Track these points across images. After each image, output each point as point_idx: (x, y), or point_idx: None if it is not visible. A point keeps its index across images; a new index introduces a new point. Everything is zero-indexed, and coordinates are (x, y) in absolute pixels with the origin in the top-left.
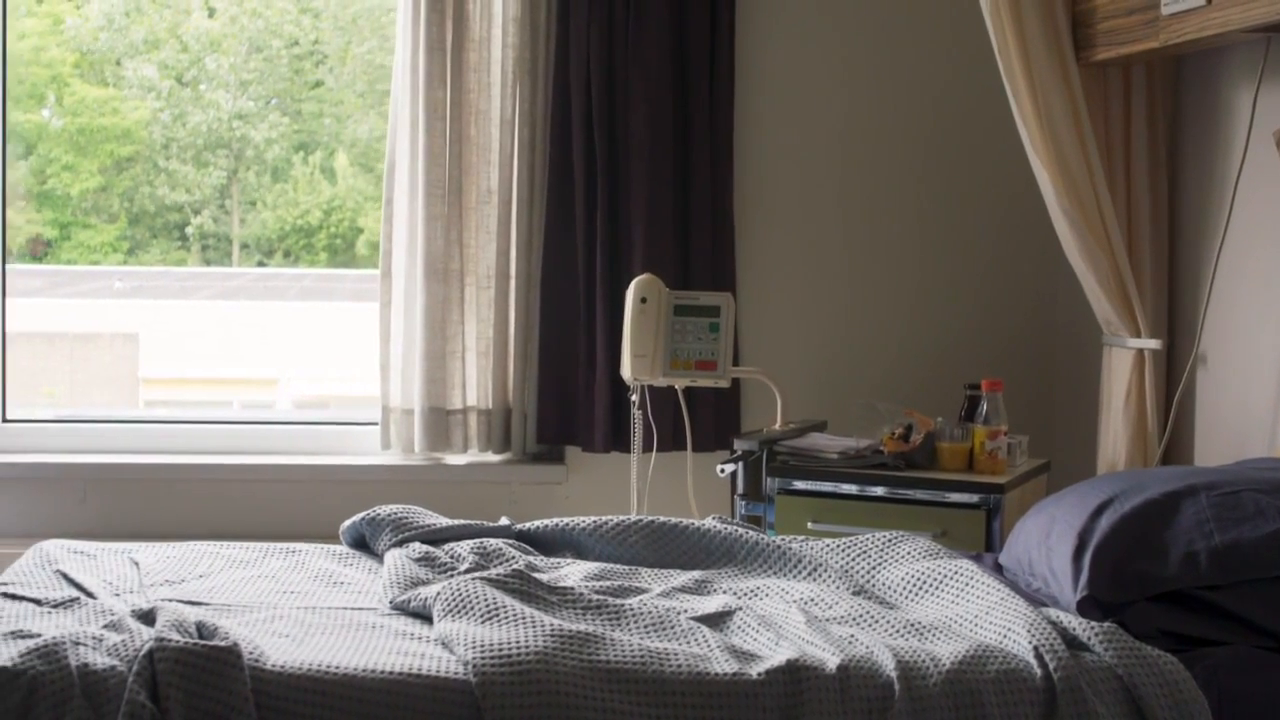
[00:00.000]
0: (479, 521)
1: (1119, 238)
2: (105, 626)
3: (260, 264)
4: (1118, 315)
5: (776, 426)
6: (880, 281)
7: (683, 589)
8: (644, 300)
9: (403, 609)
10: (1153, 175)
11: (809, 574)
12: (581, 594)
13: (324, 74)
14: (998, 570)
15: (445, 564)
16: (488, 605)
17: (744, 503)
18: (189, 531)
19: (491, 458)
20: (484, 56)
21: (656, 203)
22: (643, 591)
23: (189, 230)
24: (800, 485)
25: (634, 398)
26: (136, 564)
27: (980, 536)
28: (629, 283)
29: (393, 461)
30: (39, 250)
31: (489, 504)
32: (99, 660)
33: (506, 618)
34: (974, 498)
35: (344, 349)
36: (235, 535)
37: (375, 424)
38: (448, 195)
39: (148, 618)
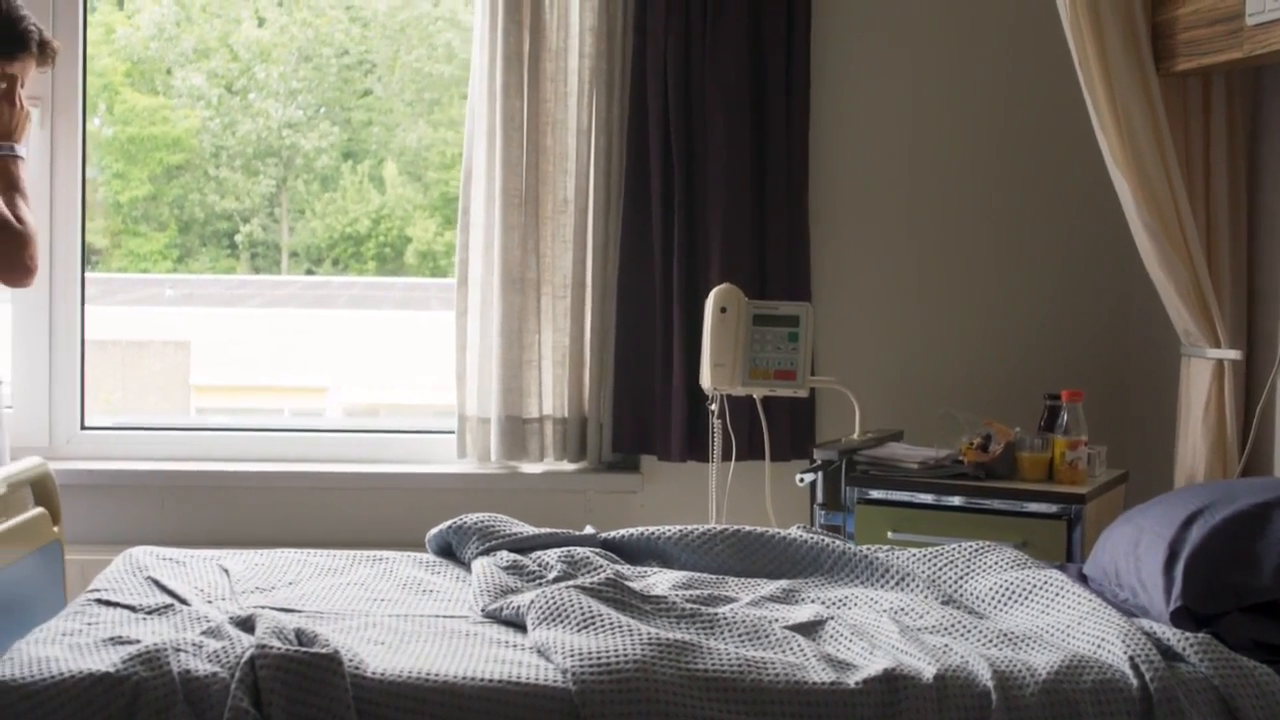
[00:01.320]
0: (564, 530)
1: (1199, 249)
2: (204, 633)
3: (309, 272)
4: (1197, 326)
5: (855, 436)
6: (955, 291)
7: (771, 598)
8: (724, 310)
9: (495, 617)
10: (1232, 186)
11: (896, 583)
12: (675, 603)
13: (373, 83)
14: (1082, 580)
15: (533, 572)
16: (583, 613)
17: (823, 512)
18: (265, 539)
19: (567, 466)
20: (560, 66)
21: (733, 211)
22: (731, 601)
23: (238, 238)
24: (878, 495)
25: (713, 407)
26: (226, 571)
27: (1061, 547)
28: (705, 292)
29: (468, 470)
30: (89, 258)
31: (564, 513)
32: (201, 666)
33: (602, 626)
34: (1054, 508)
35: (393, 356)
36: (312, 542)
37: (450, 432)
38: (524, 204)
39: (246, 624)
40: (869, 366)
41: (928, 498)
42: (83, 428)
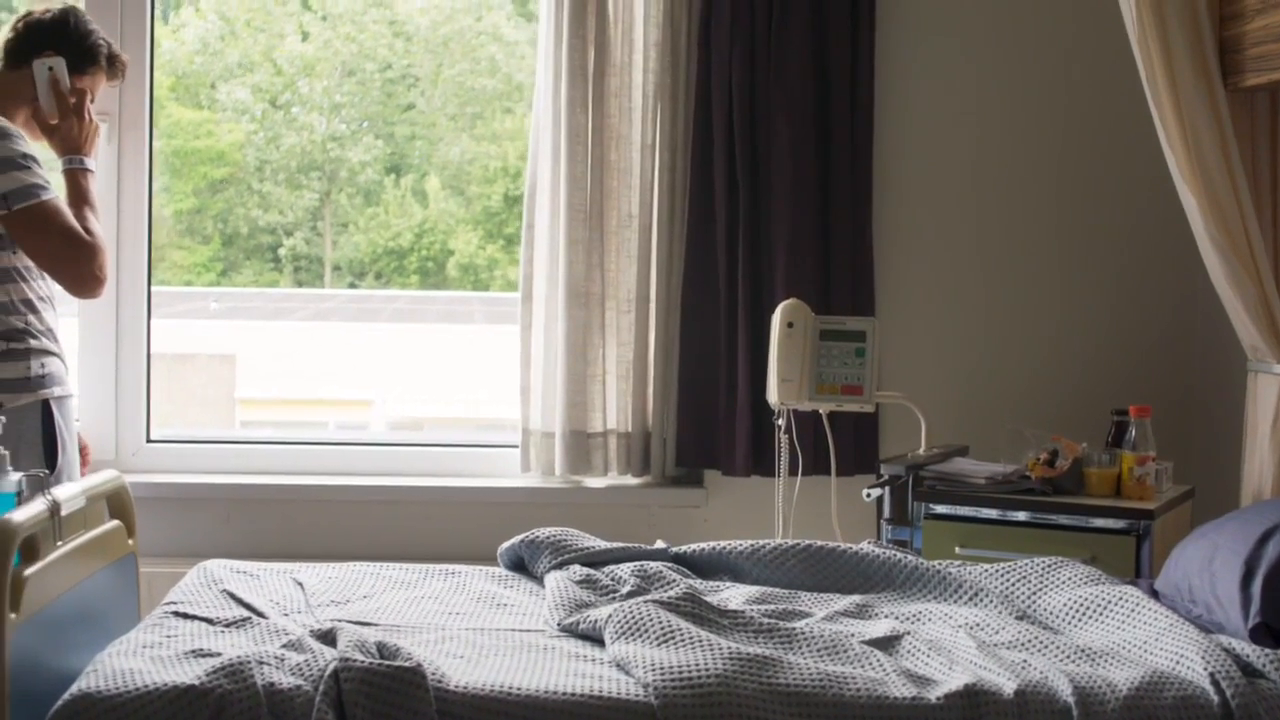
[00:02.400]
0: (636, 544)
1: (1266, 264)
2: (285, 646)
3: (351, 286)
4: (1264, 342)
5: (920, 451)
6: (1019, 306)
7: (845, 613)
8: (791, 325)
9: (571, 631)
10: None
11: (970, 599)
12: (751, 617)
13: (415, 97)
14: (1154, 596)
15: (606, 587)
16: (662, 628)
17: (890, 527)
18: (330, 552)
19: (630, 481)
20: (625, 82)
21: (798, 226)
22: (806, 615)
23: (281, 252)
24: (943, 510)
25: (780, 422)
26: (300, 584)
27: (1130, 562)
28: (770, 307)
29: (532, 484)
30: None
31: (627, 527)
32: (284, 679)
33: (682, 640)
34: (1122, 524)
35: (437, 370)
36: (377, 556)
37: (513, 447)
38: (589, 219)
39: (327, 638)
40: (933, 381)
41: (995, 513)
42: (148, 441)
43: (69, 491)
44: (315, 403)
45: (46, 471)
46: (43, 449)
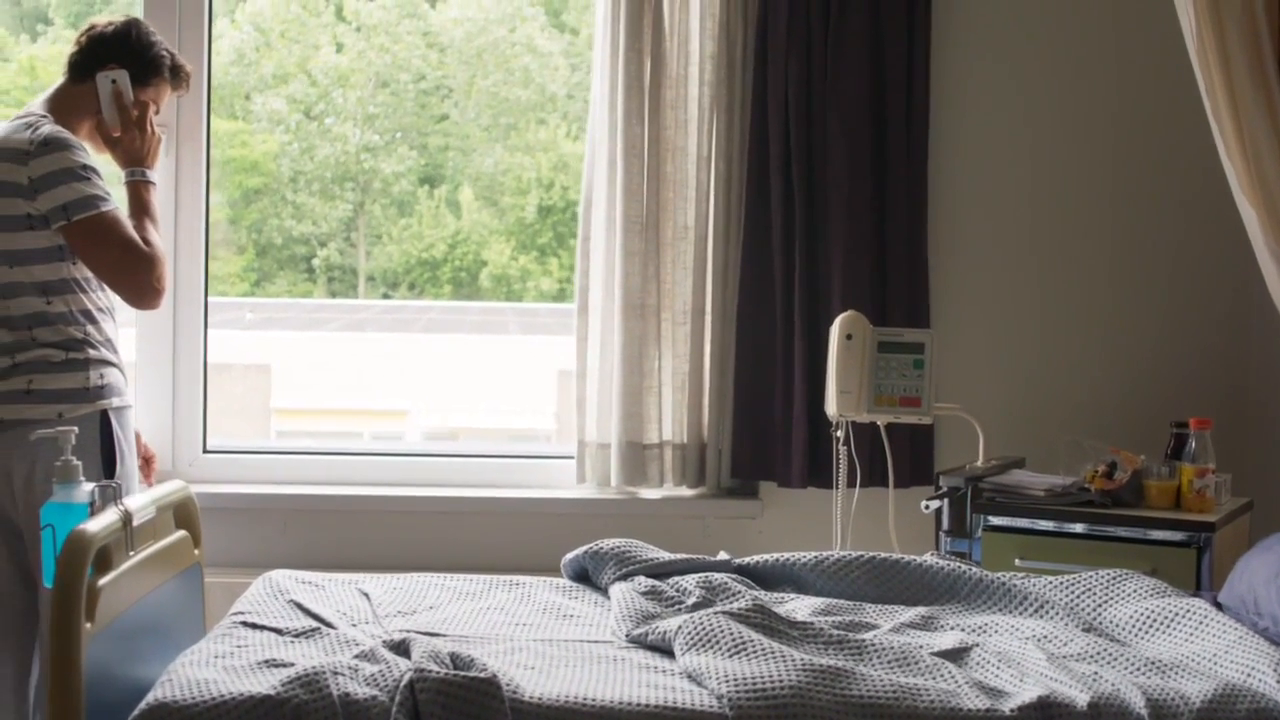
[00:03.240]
0: (700, 555)
1: None
2: (358, 656)
3: (385, 296)
4: None
5: (978, 463)
6: (1073, 317)
7: (911, 624)
8: (849, 337)
9: (640, 642)
10: None
11: (1035, 611)
12: (821, 628)
13: (449, 108)
14: (1217, 608)
15: (672, 598)
16: (733, 639)
17: (949, 539)
18: (387, 562)
19: (685, 492)
20: (681, 94)
21: (853, 238)
22: (872, 627)
23: (315, 262)
24: (999, 521)
25: (839, 434)
26: (366, 595)
27: (1190, 575)
28: (826, 318)
29: (587, 495)
30: None
31: (682, 538)
32: (359, 690)
33: (755, 652)
34: (1183, 536)
35: (471, 380)
36: (433, 566)
37: (568, 458)
38: (645, 231)
39: (400, 648)
40: (988, 393)
41: (1055, 525)
42: (205, 451)
43: (140, 502)
44: (350, 413)
45: (118, 483)
46: (101, 459)
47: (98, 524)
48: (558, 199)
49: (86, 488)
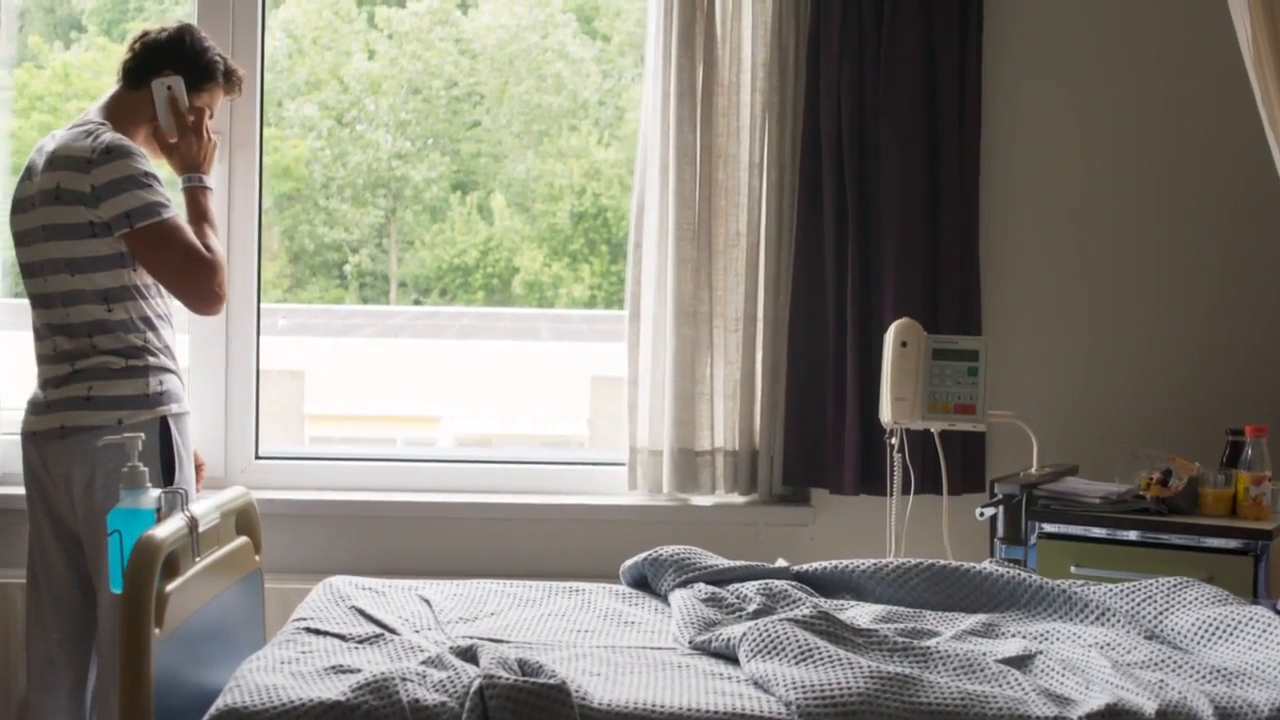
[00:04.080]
0: (758, 563)
1: None
2: (425, 663)
3: (416, 302)
4: None
5: (1032, 470)
6: (1125, 325)
7: (972, 632)
8: (904, 344)
9: (703, 649)
10: None
11: (1096, 618)
12: (886, 636)
13: (481, 114)
14: (1279, 616)
15: (732, 605)
16: (799, 646)
17: (1003, 546)
18: (439, 568)
19: (737, 499)
20: (733, 101)
21: (906, 245)
22: (934, 634)
23: (347, 268)
24: (1053, 529)
25: (893, 441)
26: (427, 601)
27: (1247, 583)
28: (878, 325)
29: (639, 501)
30: None
31: (734, 545)
32: (429, 696)
33: (821, 659)
34: (1238, 543)
35: (504, 386)
36: (486, 572)
37: (619, 465)
38: (697, 238)
39: (467, 655)
40: (1040, 400)
41: (1111, 533)
42: (257, 457)
43: (204, 507)
44: (383, 419)
45: (184, 489)
46: (161, 466)
47: (165, 530)
48: (589, 205)
49: (153, 493)
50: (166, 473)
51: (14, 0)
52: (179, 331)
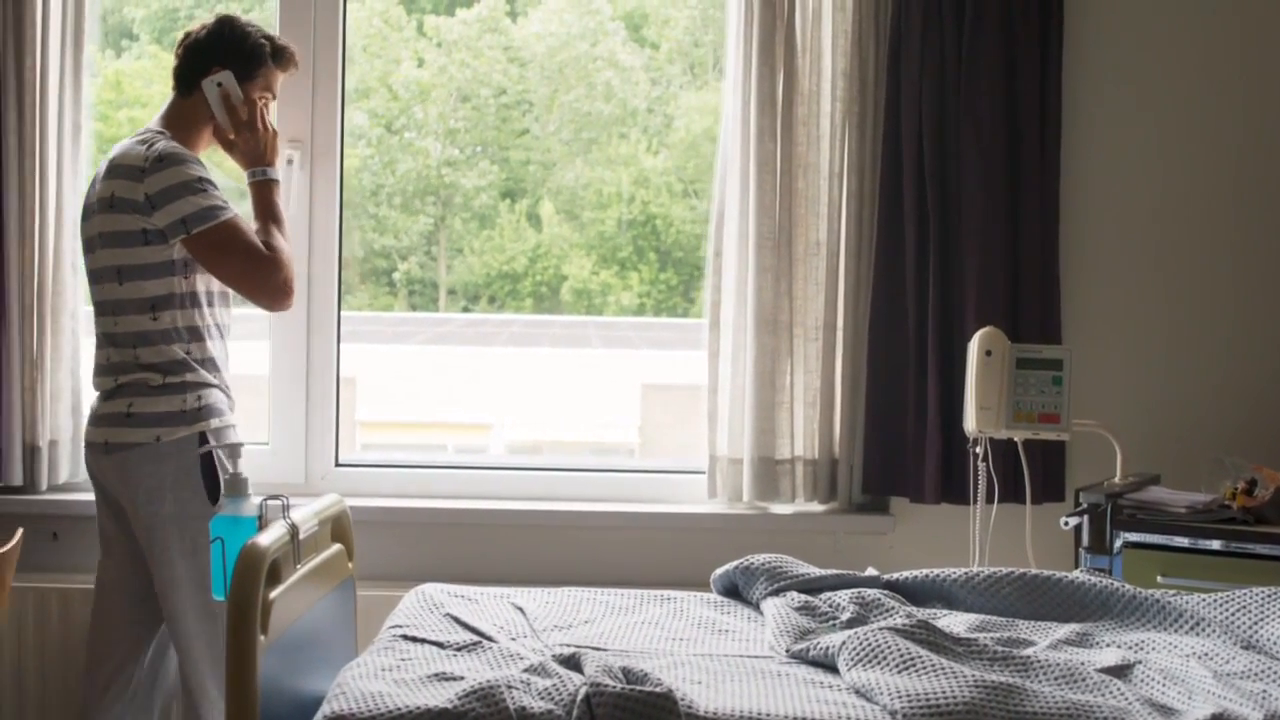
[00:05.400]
0: (849, 571)
1: None
2: (528, 670)
3: (465, 309)
4: None
5: (1115, 480)
6: (1205, 334)
7: (1067, 641)
8: (989, 353)
9: (801, 657)
10: None
11: (1191, 628)
12: (985, 645)
13: (530, 122)
14: None
15: (825, 613)
16: (901, 655)
17: (1089, 556)
18: (519, 575)
19: (816, 507)
20: (813, 110)
21: (987, 253)
22: (1029, 644)
23: (396, 276)
24: (1138, 538)
25: (978, 450)
26: (521, 609)
27: None
28: (959, 333)
29: (719, 510)
30: None
31: (814, 553)
32: (535, 704)
33: (924, 668)
34: None
35: (554, 393)
36: (566, 580)
37: (698, 473)
38: (777, 247)
39: (570, 662)
40: (1120, 409)
41: (1197, 542)
42: (337, 465)
43: (304, 515)
44: (434, 426)
45: (286, 497)
46: (203, 480)
47: (269, 537)
48: (638, 213)
49: (254, 500)
50: (210, 487)
51: (96, 11)
52: (259, 339)
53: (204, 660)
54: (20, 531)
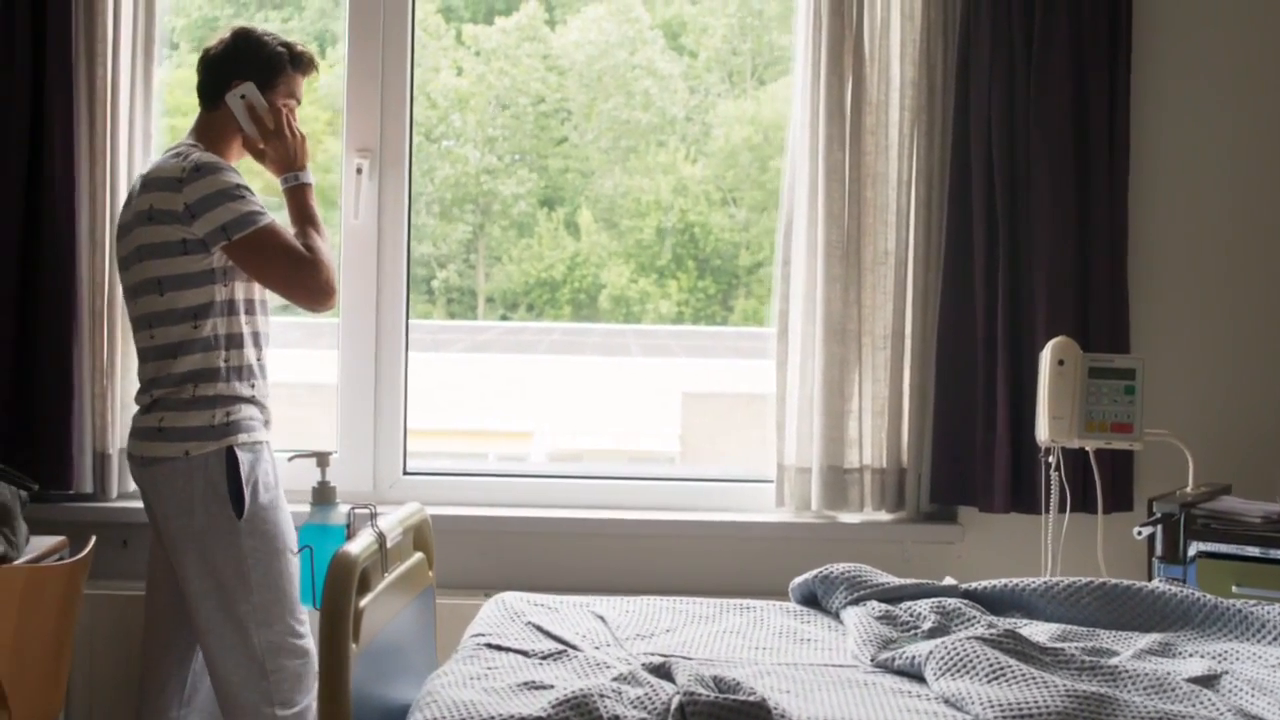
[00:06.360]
0: (927, 580)
1: None
2: (618, 679)
3: (503, 318)
4: None
5: (1188, 489)
6: (1272, 343)
7: (1150, 651)
8: (1061, 363)
9: (886, 667)
10: None
11: (1275, 638)
12: (1073, 654)
13: (568, 130)
14: None
15: (906, 622)
16: (990, 664)
17: (1162, 565)
18: (590, 584)
19: (884, 516)
20: (881, 120)
21: (1057, 263)
22: (1113, 654)
23: (434, 283)
24: (1209, 548)
25: (1050, 459)
26: (602, 618)
27: None
28: (1029, 342)
29: (786, 519)
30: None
31: (882, 562)
32: (628, 713)
33: (1014, 677)
34: None
35: (594, 402)
36: (636, 588)
37: (765, 481)
38: (846, 256)
39: (660, 671)
40: (1190, 418)
41: (1266, 551)
42: (405, 473)
43: (389, 523)
44: (474, 434)
45: (374, 505)
46: (229, 495)
47: (358, 545)
48: (677, 221)
49: (342, 509)
50: (236, 502)
51: (165, 20)
52: (328, 349)
53: (236, 672)
54: (94, 540)
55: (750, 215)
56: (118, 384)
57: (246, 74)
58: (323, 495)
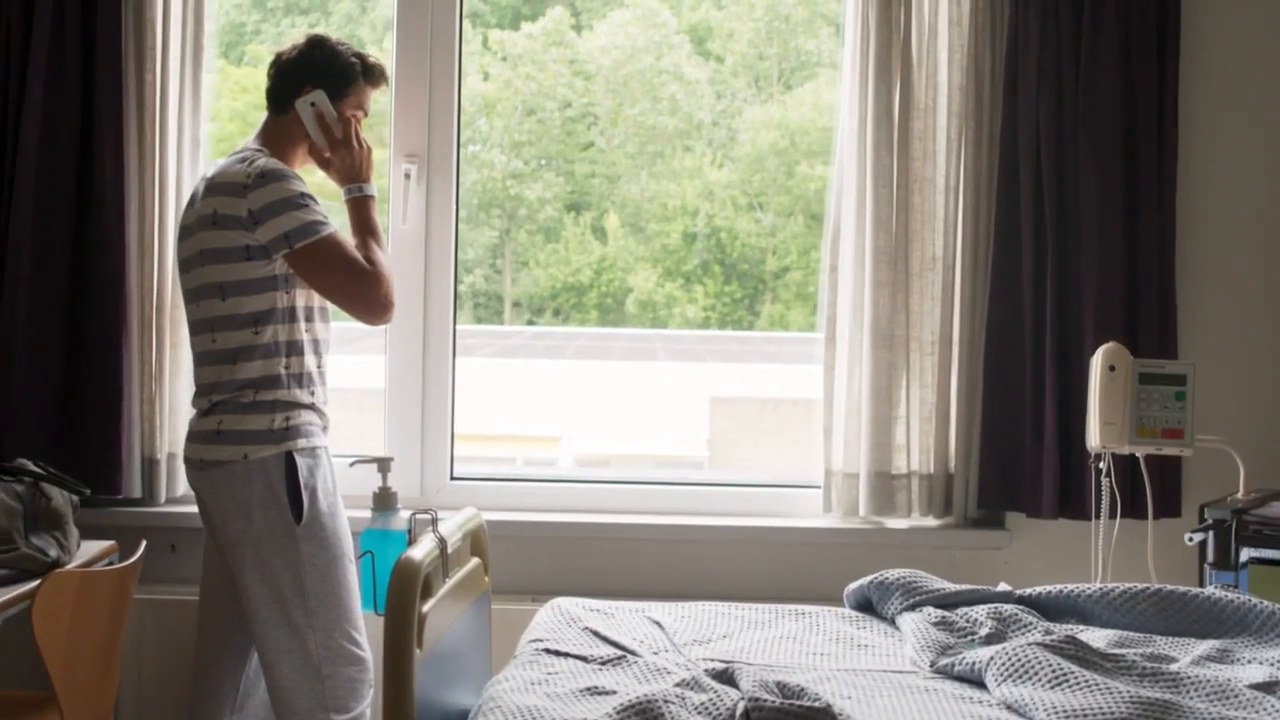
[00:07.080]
0: (983, 587)
1: None
2: (681, 685)
3: (530, 322)
4: None
5: (1239, 495)
6: None
7: (1208, 657)
8: (1112, 368)
9: (945, 672)
10: None
11: None
12: (1134, 661)
13: (595, 135)
14: None
15: (963, 628)
16: (1052, 670)
17: (1213, 571)
18: (637, 589)
19: (931, 522)
20: (929, 125)
21: (1106, 269)
22: (1171, 660)
23: (461, 288)
24: (1260, 554)
25: (1102, 465)
26: (658, 623)
27: None
28: (1078, 348)
29: (834, 524)
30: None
31: (929, 568)
32: (693, 719)
33: (1077, 683)
34: None
35: (621, 406)
36: (686, 594)
37: (813, 487)
38: (893, 261)
39: (723, 677)
40: (1239, 424)
41: None
42: (452, 478)
43: (449, 528)
44: (503, 438)
45: (435, 511)
46: (288, 500)
47: (421, 550)
48: (703, 226)
49: (404, 515)
50: (294, 507)
51: (214, 25)
52: (375, 353)
53: (291, 677)
54: (144, 545)
55: (777, 220)
56: (167, 389)
57: (318, 82)
58: (384, 501)
